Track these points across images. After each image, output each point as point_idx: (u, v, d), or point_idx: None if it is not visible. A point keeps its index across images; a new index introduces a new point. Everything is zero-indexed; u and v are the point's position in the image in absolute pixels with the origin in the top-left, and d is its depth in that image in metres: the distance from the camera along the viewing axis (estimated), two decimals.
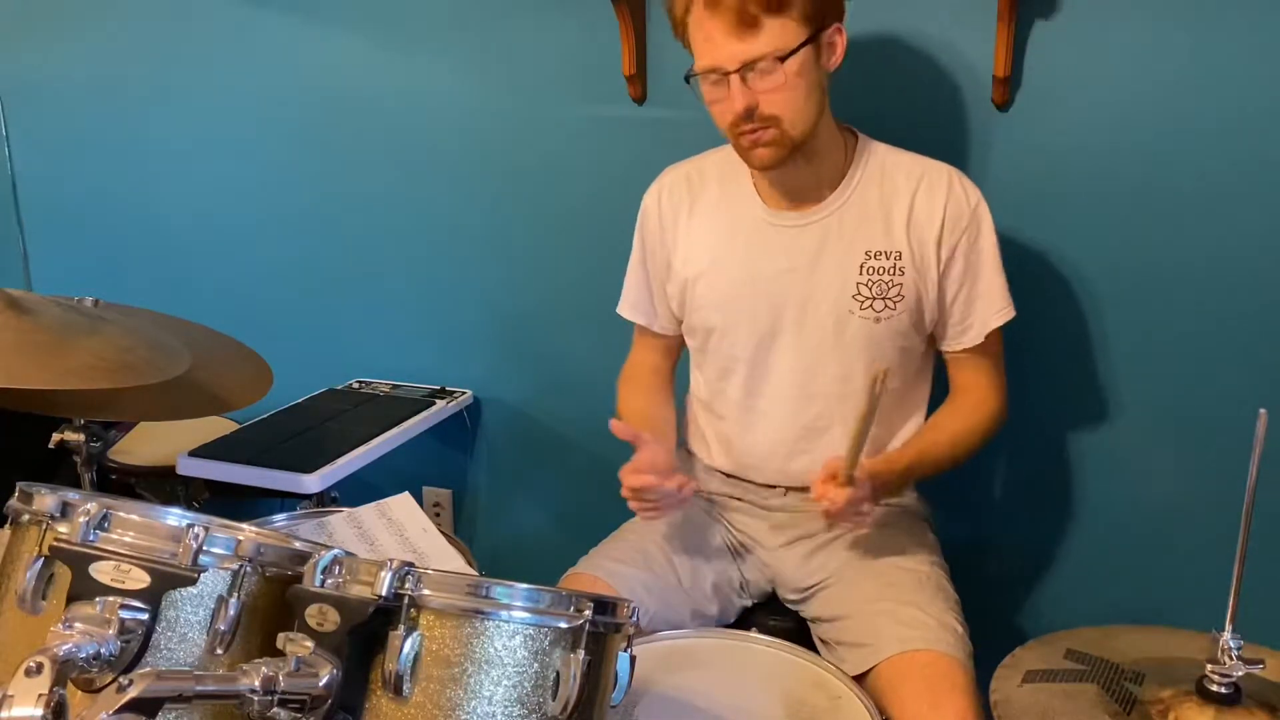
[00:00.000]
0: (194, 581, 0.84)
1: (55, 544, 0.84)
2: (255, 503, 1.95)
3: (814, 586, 1.43)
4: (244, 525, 0.94)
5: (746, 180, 1.44)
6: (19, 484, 0.92)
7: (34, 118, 2.35)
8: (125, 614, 0.81)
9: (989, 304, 1.41)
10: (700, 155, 1.52)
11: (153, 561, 0.84)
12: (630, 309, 1.59)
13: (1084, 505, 1.75)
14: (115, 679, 0.71)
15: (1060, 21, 1.58)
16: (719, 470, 1.55)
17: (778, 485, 1.49)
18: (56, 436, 1.46)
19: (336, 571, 0.87)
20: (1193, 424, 1.65)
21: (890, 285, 1.38)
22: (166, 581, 0.83)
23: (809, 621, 1.44)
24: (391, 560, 0.84)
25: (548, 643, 0.85)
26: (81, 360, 1.23)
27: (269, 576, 0.90)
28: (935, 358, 1.50)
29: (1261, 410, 0.88)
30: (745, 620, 1.48)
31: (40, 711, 0.70)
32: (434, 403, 2.01)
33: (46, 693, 0.71)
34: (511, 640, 0.84)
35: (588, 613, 0.85)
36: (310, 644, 0.81)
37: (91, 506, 0.86)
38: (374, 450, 1.81)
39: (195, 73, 2.17)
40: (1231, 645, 0.90)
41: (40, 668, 0.72)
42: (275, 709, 0.79)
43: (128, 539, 0.86)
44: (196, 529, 0.86)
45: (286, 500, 1.80)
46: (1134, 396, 1.67)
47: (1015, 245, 1.60)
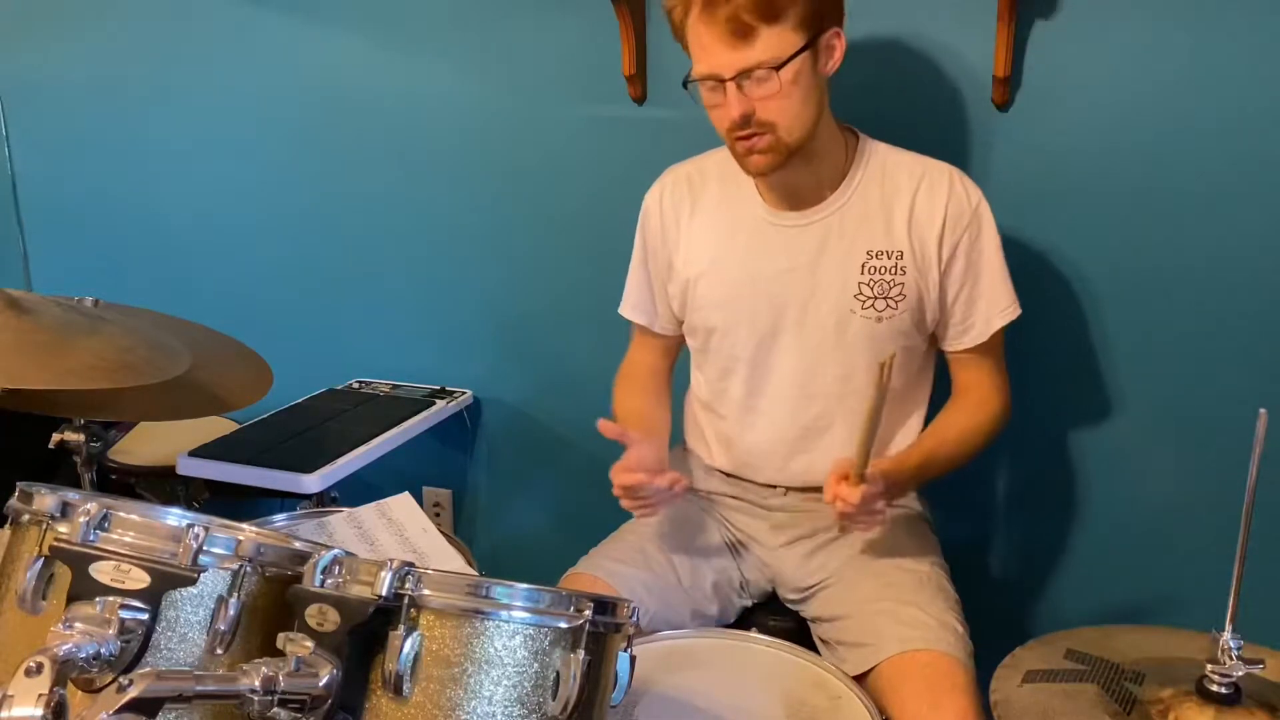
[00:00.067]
0: (194, 581, 0.84)
1: (55, 544, 0.84)
2: (255, 503, 1.95)
3: (814, 586, 1.43)
4: (244, 525, 0.94)
5: (747, 180, 1.44)
6: (19, 484, 0.92)
7: (34, 118, 2.35)
8: (125, 614, 0.81)
9: (992, 303, 1.41)
10: (701, 155, 1.52)
11: (153, 561, 0.84)
12: (632, 309, 1.59)
13: (1084, 505, 1.75)
14: (115, 679, 0.71)
15: (1060, 21, 1.58)
16: (719, 470, 1.55)
17: (778, 485, 1.49)
18: (56, 436, 1.46)
19: (336, 571, 0.87)
20: (1193, 424, 1.65)
21: (891, 285, 1.38)
22: (166, 581, 0.83)
23: (809, 621, 1.44)
24: (391, 560, 0.84)
25: (548, 643, 0.85)
26: (81, 360, 1.23)
27: (269, 576, 0.90)
28: (936, 358, 1.50)
29: (1261, 410, 0.88)
30: (745, 620, 1.48)
31: (40, 711, 0.70)
32: (434, 403, 2.01)
33: (46, 693, 0.71)
34: (511, 640, 0.84)
35: (588, 613, 0.85)
36: (310, 644, 0.81)
37: (91, 506, 0.86)
38: (374, 450, 1.81)
39: (195, 73, 2.17)
40: (1231, 645, 0.90)
41: (40, 668, 0.72)
42: (275, 709, 0.79)
43: (128, 539, 0.86)
44: (196, 529, 0.86)
45: (286, 500, 1.80)
46: (1134, 396, 1.67)
47: (1015, 245, 1.60)
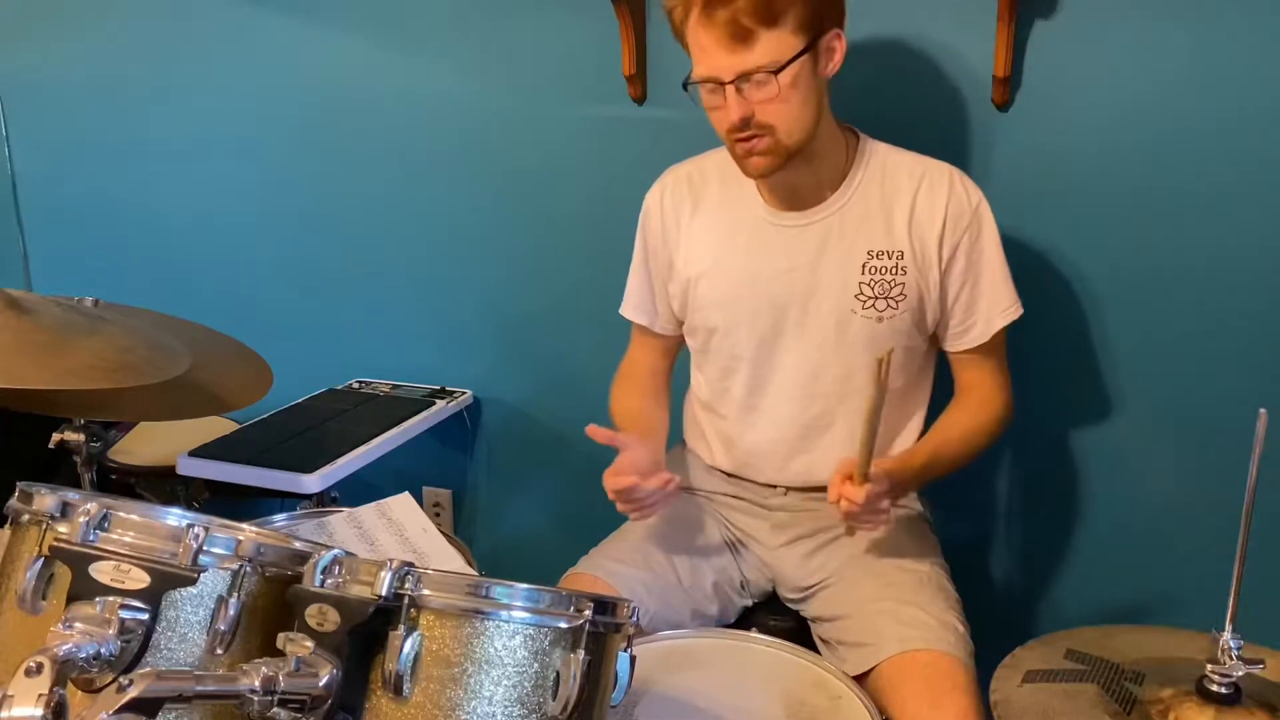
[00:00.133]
0: (194, 581, 0.84)
1: (55, 544, 0.84)
2: (255, 503, 1.95)
3: (814, 586, 1.43)
4: (244, 525, 0.94)
5: (748, 180, 1.43)
6: (19, 484, 0.92)
7: (34, 118, 2.35)
8: (125, 614, 0.81)
9: (992, 303, 1.41)
10: (701, 155, 1.52)
11: (153, 561, 0.84)
12: (633, 310, 1.59)
13: (1084, 505, 1.75)
14: (115, 679, 0.71)
15: (1060, 21, 1.58)
16: (719, 470, 1.55)
17: (778, 485, 1.49)
18: (56, 436, 1.46)
19: (336, 571, 0.87)
20: (1193, 424, 1.65)
21: (892, 285, 1.38)
22: (166, 581, 0.83)
23: (809, 621, 1.44)
24: (391, 560, 0.84)
25: (548, 643, 0.85)
26: (81, 360, 1.23)
27: (269, 576, 0.90)
28: (937, 358, 1.50)
29: (1261, 410, 0.88)
30: (745, 620, 1.48)
31: (40, 711, 0.70)
32: (434, 403, 2.01)
33: (46, 693, 0.71)
34: (511, 640, 0.84)
35: (588, 613, 0.85)
36: (310, 644, 0.81)
37: (91, 506, 0.86)
38: (374, 450, 1.81)
39: (195, 73, 2.17)
40: (1231, 645, 0.89)
41: (40, 668, 0.72)
42: (275, 709, 0.79)
43: (128, 539, 0.86)
44: (196, 529, 0.85)
45: (286, 500, 1.80)
46: (1134, 396, 1.67)
47: (1016, 245, 1.60)
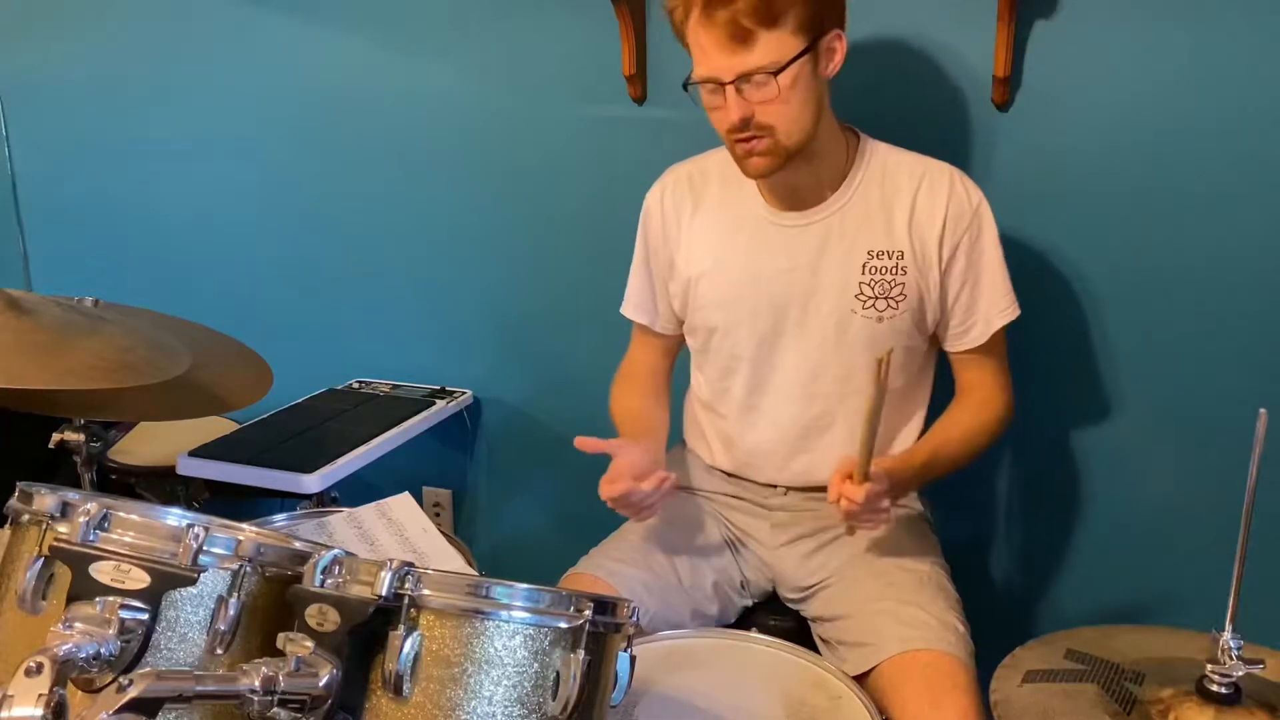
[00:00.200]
0: (194, 581, 0.84)
1: (55, 544, 0.84)
2: (255, 503, 1.95)
3: (814, 586, 1.43)
4: (244, 525, 0.94)
5: (748, 180, 1.43)
6: (19, 484, 0.92)
7: (34, 118, 2.35)
8: (125, 614, 0.81)
9: (992, 304, 1.41)
10: (702, 155, 1.52)
11: (153, 561, 0.84)
12: (633, 309, 1.59)
13: (1084, 505, 1.75)
14: (115, 679, 0.71)
15: (1060, 21, 1.58)
16: (719, 469, 1.55)
17: (778, 485, 1.49)
18: (56, 436, 1.46)
19: (336, 571, 0.87)
20: (1193, 424, 1.65)
21: (892, 285, 1.38)
22: (166, 581, 0.83)
23: (810, 621, 1.44)
24: (391, 560, 0.84)
25: (548, 643, 0.84)
26: (81, 360, 1.23)
27: (269, 576, 0.90)
28: (937, 358, 1.50)
29: (1261, 410, 0.88)
30: (745, 620, 1.48)
31: (40, 711, 0.70)
32: (434, 403, 2.01)
33: (46, 693, 0.71)
34: (511, 640, 0.84)
35: (588, 613, 0.85)
36: (310, 644, 0.81)
37: (91, 506, 0.86)
38: (374, 450, 1.81)
39: (195, 73, 2.17)
40: (1231, 645, 0.89)
41: (40, 668, 0.72)
42: (275, 709, 0.79)
43: (128, 539, 0.86)
44: (196, 529, 0.85)
45: (286, 500, 1.80)
46: (1134, 396, 1.67)
47: (1015, 245, 1.60)
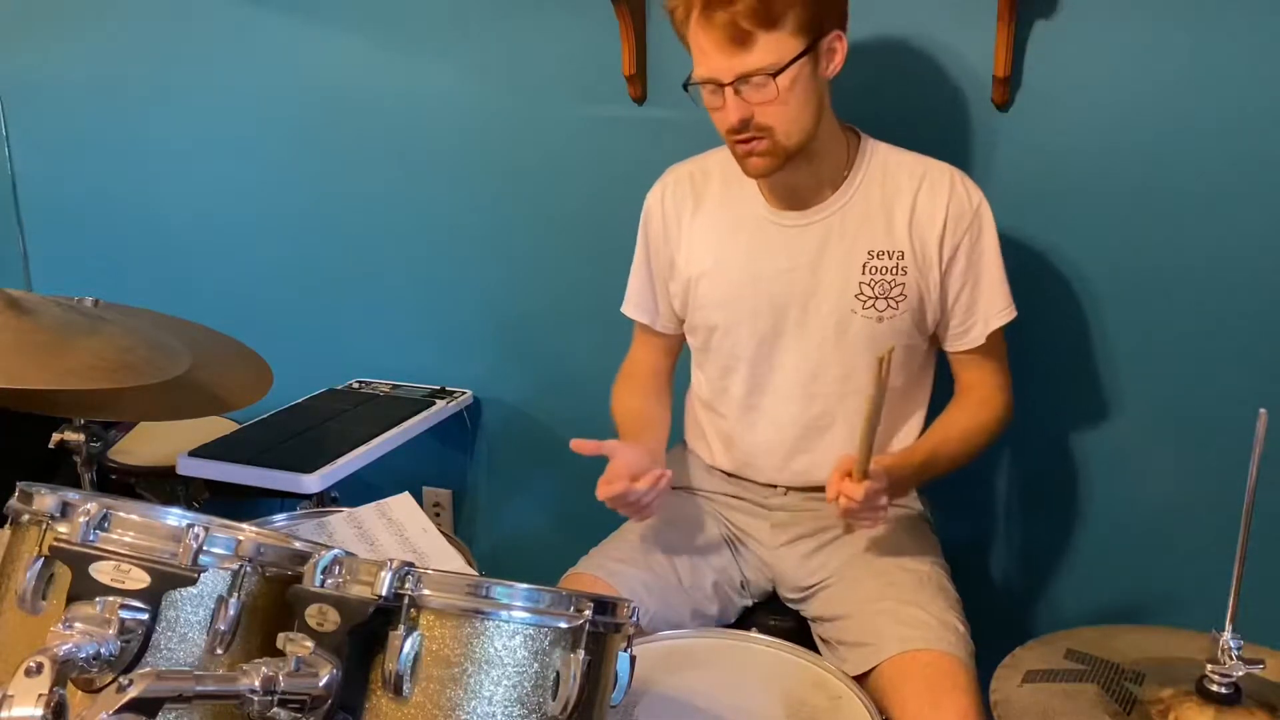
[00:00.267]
0: (194, 581, 0.84)
1: (55, 544, 0.84)
2: (255, 503, 1.95)
3: (814, 586, 1.43)
4: (244, 525, 0.94)
5: (749, 180, 1.43)
6: (19, 484, 0.92)
7: (34, 118, 2.35)
8: (125, 614, 0.81)
9: (991, 304, 1.41)
10: (703, 155, 1.52)
11: (153, 561, 0.84)
12: (634, 309, 1.59)
13: (1084, 505, 1.75)
14: (115, 679, 0.71)
15: (1060, 21, 1.58)
16: (719, 469, 1.55)
17: (778, 484, 1.49)
18: (56, 436, 1.46)
19: (336, 571, 0.87)
20: (1193, 424, 1.65)
21: (892, 285, 1.38)
22: (166, 581, 0.83)
23: (810, 621, 1.44)
24: (391, 560, 0.84)
25: (548, 643, 0.84)
26: (81, 360, 1.23)
27: (269, 576, 0.90)
28: (937, 357, 1.50)
29: (1261, 410, 0.88)
30: (745, 620, 1.48)
31: (40, 711, 0.70)
32: (434, 403, 2.01)
33: (46, 693, 0.71)
34: (511, 640, 0.84)
35: (588, 613, 0.85)
36: (310, 644, 0.81)
37: (91, 506, 0.86)
38: (374, 450, 1.81)
39: (195, 73, 2.17)
40: (1231, 645, 0.89)
41: (40, 668, 0.72)
42: (275, 709, 0.79)
43: (128, 539, 0.86)
44: (196, 529, 0.85)
45: (286, 500, 1.80)
46: (1134, 396, 1.67)
47: (1015, 245, 1.60)
